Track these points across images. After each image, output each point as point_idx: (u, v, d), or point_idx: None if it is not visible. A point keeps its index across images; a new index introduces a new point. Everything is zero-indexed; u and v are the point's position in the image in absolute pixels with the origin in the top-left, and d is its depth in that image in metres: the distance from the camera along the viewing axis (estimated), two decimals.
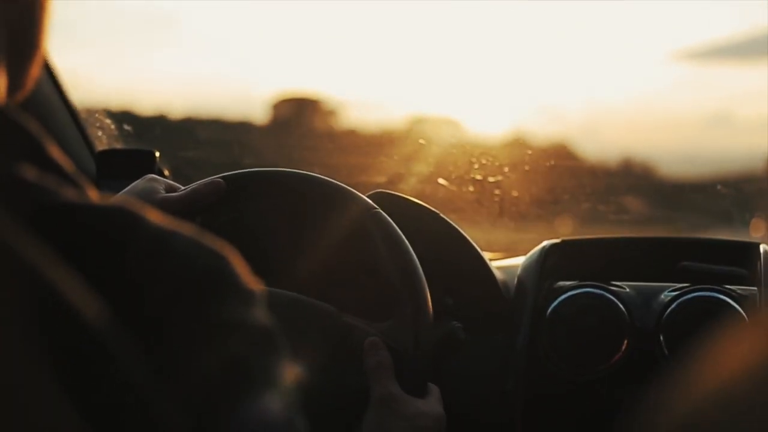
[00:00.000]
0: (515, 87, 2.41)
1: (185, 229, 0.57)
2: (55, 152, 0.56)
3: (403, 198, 1.73)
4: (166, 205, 1.34)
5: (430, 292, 1.39)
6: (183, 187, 1.44)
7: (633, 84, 2.58)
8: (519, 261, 1.89)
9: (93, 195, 0.57)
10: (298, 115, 2.75)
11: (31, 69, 0.61)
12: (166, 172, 1.98)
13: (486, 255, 1.80)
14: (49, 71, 1.90)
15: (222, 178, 1.46)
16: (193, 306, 0.53)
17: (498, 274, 1.81)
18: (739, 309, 1.65)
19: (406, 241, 1.41)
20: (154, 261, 0.54)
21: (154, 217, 0.56)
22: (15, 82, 0.60)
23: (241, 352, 0.54)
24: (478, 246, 1.79)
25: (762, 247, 1.77)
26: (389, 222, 1.43)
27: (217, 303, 0.55)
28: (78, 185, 0.56)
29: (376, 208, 1.45)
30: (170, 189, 1.40)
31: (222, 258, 0.57)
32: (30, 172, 0.52)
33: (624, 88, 2.59)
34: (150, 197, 1.35)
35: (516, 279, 1.81)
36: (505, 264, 1.93)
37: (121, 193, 1.37)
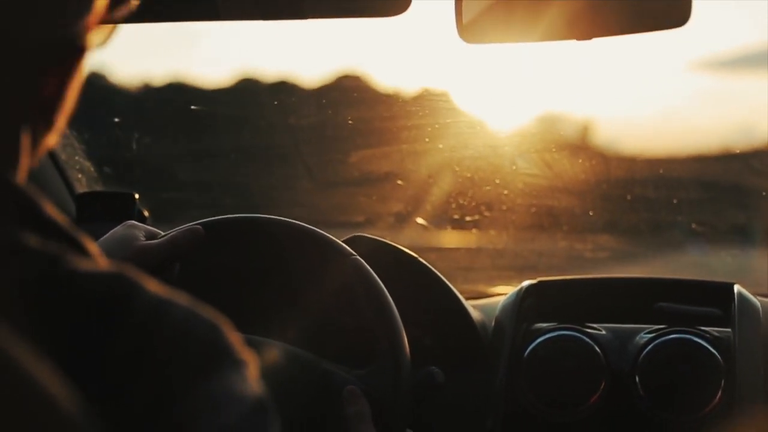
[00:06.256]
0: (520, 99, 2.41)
1: (181, 298, 0.58)
2: (52, 211, 0.57)
3: (380, 242, 1.74)
4: (145, 253, 1.35)
5: (408, 334, 1.41)
6: (163, 233, 1.45)
7: (653, 96, 2.58)
8: (497, 300, 1.91)
9: (92, 249, 0.58)
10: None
11: (50, 139, 0.63)
12: (146, 214, 1.99)
13: (462, 297, 1.82)
14: None
15: (201, 224, 1.47)
16: (188, 377, 0.54)
17: (475, 315, 1.82)
18: (714, 351, 1.67)
19: (384, 288, 1.43)
20: (151, 331, 0.54)
21: (152, 285, 0.57)
22: (32, 154, 0.61)
23: (234, 424, 0.55)
24: (455, 286, 1.80)
25: (735, 288, 1.79)
26: (367, 269, 1.44)
27: (212, 374, 0.55)
28: (77, 243, 0.57)
29: (353, 255, 1.46)
30: (150, 235, 1.41)
31: (217, 328, 0.58)
32: (31, 239, 0.53)
33: (644, 101, 2.59)
34: (129, 245, 1.36)
35: (494, 320, 1.83)
36: (483, 303, 1.95)
37: (100, 240, 1.37)
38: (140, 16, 1.55)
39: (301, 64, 2.60)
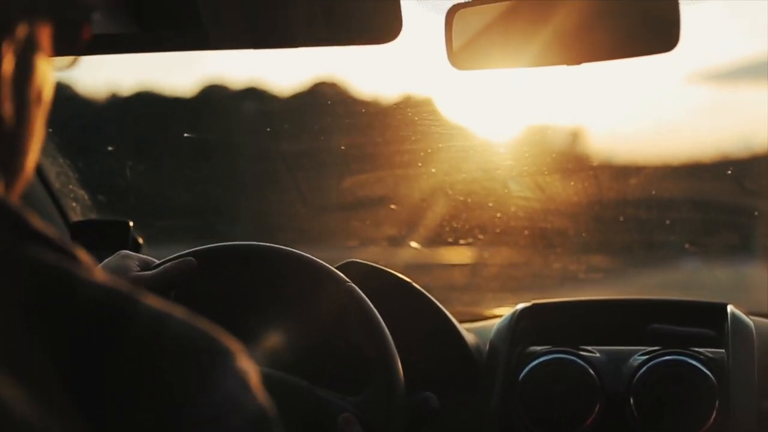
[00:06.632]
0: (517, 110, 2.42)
1: (178, 311, 0.58)
2: (39, 223, 0.58)
3: (374, 267, 1.75)
4: (139, 284, 1.36)
5: (402, 359, 1.41)
6: (157, 261, 1.46)
7: (646, 112, 2.59)
8: (491, 323, 1.91)
9: (87, 260, 0.58)
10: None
11: (20, 180, 0.63)
12: (141, 241, 1.99)
13: (456, 321, 1.82)
14: None
15: (194, 253, 1.48)
16: (189, 388, 0.54)
17: (470, 338, 1.83)
18: (708, 373, 1.68)
19: (377, 314, 1.44)
20: (150, 342, 0.55)
21: (149, 299, 0.57)
22: (5, 191, 0.61)
23: None
24: (449, 310, 1.81)
25: (729, 308, 1.80)
26: (360, 295, 1.45)
27: (213, 384, 0.56)
28: (72, 255, 0.57)
29: (347, 282, 1.47)
30: (143, 265, 1.42)
31: (216, 339, 0.58)
32: (31, 249, 0.54)
33: (636, 116, 2.59)
34: (123, 275, 1.37)
35: (488, 343, 1.83)
36: (477, 326, 1.95)
37: None
38: (132, 47, 1.56)
39: (272, 70, 2.58)
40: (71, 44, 0.64)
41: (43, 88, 0.62)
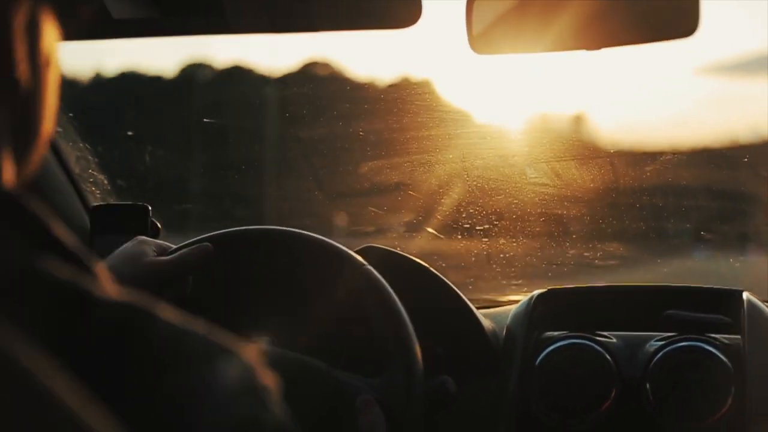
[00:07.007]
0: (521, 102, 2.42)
1: (197, 325, 0.57)
2: (62, 233, 0.56)
3: (391, 252, 1.76)
4: (155, 270, 1.37)
5: (420, 344, 1.42)
6: (173, 246, 1.47)
7: (661, 101, 2.58)
8: (508, 309, 1.92)
9: (103, 276, 0.57)
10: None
11: (36, 153, 0.61)
12: (159, 226, 2.00)
13: (473, 306, 1.83)
14: None
15: (210, 238, 1.49)
16: (208, 407, 0.53)
17: (486, 324, 1.84)
18: (724, 358, 1.68)
19: (396, 297, 1.45)
20: (169, 364, 0.54)
21: (167, 313, 0.56)
22: (20, 167, 0.60)
23: None
24: (466, 295, 1.82)
25: (744, 295, 1.80)
26: (378, 278, 1.46)
27: (232, 403, 0.54)
28: (88, 269, 0.56)
29: (365, 265, 1.48)
30: (160, 250, 1.43)
31: (235, 355, 0.57)
32: (46, 263, 0.52)
33: (652, 106, 2.59)
34: (139, 261, 1.38)
35: (505, 328, 1.84)
36: (494, 312, 1.96)
37: (111, 256, 1.39)
38: (151, 31, 1.57)
39: (290, 56, 2.57)
40: (71, 26, 0.62)
41: (51, 51, 0.60)
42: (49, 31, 0.60)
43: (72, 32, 0.62)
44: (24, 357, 0.45)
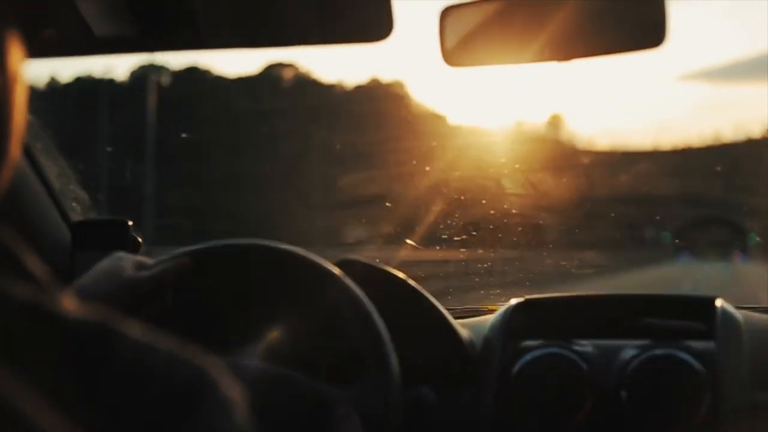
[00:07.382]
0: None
1: (163, 341, 0.57)
2: (32, 262, 0.57)
3: (369, 264, 1.77)
4: (133, 285, 1.37)
5: (398, 355, 1.44)
6: (152, 261, 1.48)
7: (643, 106, 2.62)
8: (485, 318, 1.94)
9: (66, 295, 0.57)
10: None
11: (4, 171, 0.60)
12: (140, 241, 2.01)
13: (451, 316, 1.85)
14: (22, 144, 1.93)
15: (189, 253, 1.50)
16: (173, 421, 0.54)
17: (464, 334, 1.85)
18: (698, 365, 1.70)
19: (373, 309, 1.46)
20: (133, 377, 0.54)
21: (133, 330, 0.57)
22: None
23: None
24: (444, 305, 1.83)
25: (718, 302, 1.83)
26: (356, 291, 1.47)
27: (196, 416, 0.55)
28: (50, 288, 0.56)
29: (343, 277, 1.49)
30: (139, 265, 1.43)
31: (201, 369, 0.57)
32: (13, 287, 0.53)
33: (634, 111, 2.62)
34: (117, 277, 1.37)
35: (482, 338, 1.85)
36: (472, 322, 1.97)
37: (88, 273, 1.39)
38: (128, 48, 1.59)
39: (266, 71, 2.58)
40: (32, 45, 0.62)
41: (17, 69, 0.60)
42: (15, 48, 0.60)
43: (54, 50, 0.62)
44: None
